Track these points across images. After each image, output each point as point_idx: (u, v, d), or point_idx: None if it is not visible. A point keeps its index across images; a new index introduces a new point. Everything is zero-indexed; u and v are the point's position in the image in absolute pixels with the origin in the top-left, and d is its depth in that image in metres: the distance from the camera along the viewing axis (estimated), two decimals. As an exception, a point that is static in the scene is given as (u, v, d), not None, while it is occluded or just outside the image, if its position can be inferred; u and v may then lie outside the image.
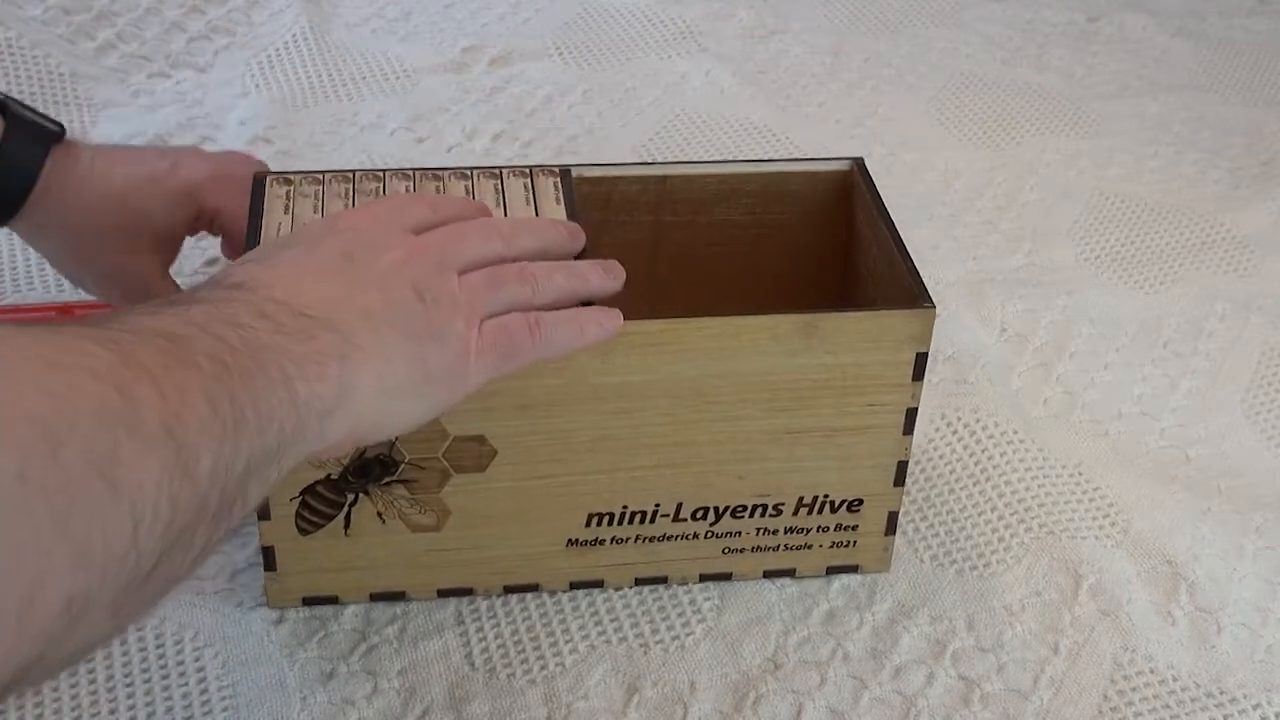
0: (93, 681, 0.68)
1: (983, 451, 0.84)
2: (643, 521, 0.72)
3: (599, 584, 0.74)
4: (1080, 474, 0.83)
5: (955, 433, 0.85)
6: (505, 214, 0.70)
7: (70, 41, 1.16)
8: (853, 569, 0.76)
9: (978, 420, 0.86)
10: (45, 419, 0.40)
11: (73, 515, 0.39)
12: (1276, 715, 0.70)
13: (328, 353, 0.52)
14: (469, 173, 0.74)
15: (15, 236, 0.96)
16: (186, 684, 0.69)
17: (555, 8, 1.29)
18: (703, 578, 0.75)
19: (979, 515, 0.80)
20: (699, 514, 0.72)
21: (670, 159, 1.09)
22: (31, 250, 0.95)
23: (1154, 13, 1.34)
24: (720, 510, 0.72)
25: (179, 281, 0.93)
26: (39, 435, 0.39)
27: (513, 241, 0.62)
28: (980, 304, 0.96)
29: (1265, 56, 1.29)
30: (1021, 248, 1.02)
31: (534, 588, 0.74)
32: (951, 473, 0.83)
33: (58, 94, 1.11)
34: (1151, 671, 0.72)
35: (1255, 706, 0.70)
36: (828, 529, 0.74)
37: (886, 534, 0.75)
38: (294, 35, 1.22)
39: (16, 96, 1.09)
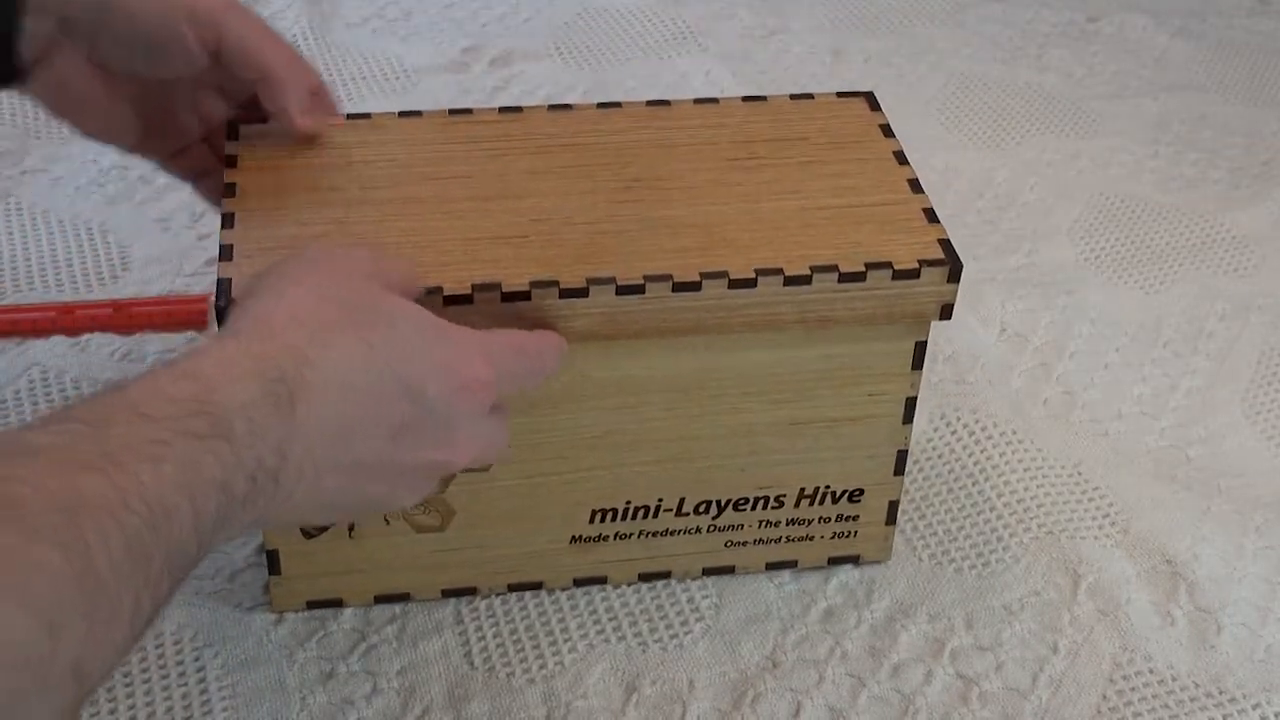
0: (92, 680, 0.68)
1: (982, 451, 0.84)
2: (646, 516, 0.72)
3: (602, 580, 0.74)
4: (1080, 474, 0.83)
5: (954, 432, 0.86)
6: None
7: (71, 41, 1.16)
8: (854, 559, 0.76)
9: (977, 420, 0.86)
10: None
11: None
12: (1276, 715, 0.70)
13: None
14: None
15: (15, 236, 0.97)
16: (186, 684, 0.69)
17: (555, 8, 1.29)
18: (706, 571, 0.75)
19: (978, 514, 0.80)
20: (701, 508, 0.72)
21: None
22: (31, 250, 0.96)
23: (1154, 13, 1.34)
24: (723, 503, 0.72)
25: (177, 282, 0.93)
26: None
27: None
28: (980, 304, 0.96)
29: (1265, 56, 1.29)
30: (1021, 248, 1.02)
31: (537, 585, 0.74)
32: (950, 472, 0.83)
33: (58, 94, 1.11)
34: (1150, 671, 0.72)
35: (1255, 706, 0.70)
36: (829, 520, 0.74)
37: (887, 524, 0.75)
38: (294, 35, 1.22)
39: (17, 96, 1.10)
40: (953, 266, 0.66)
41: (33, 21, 0.67)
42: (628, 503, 0.72)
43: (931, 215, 0.69)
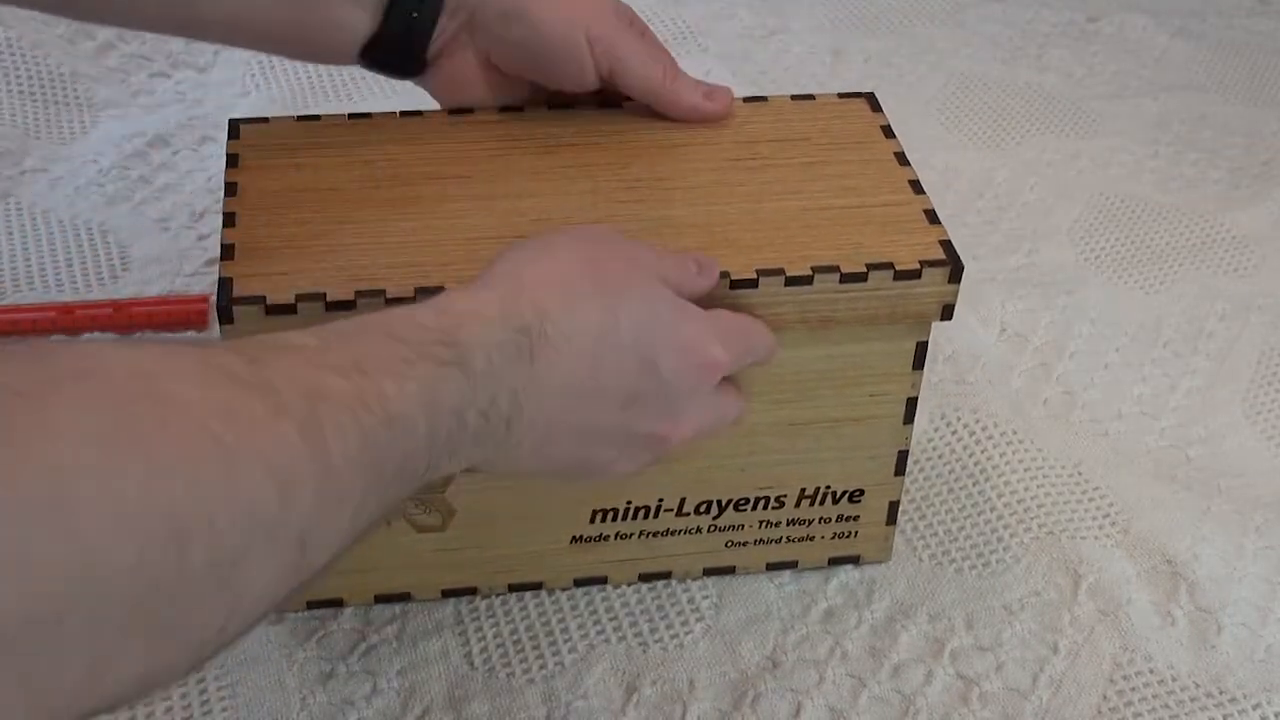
0: (92, 681, 0.68)
1: (982, 451, 0.84)
2: (646, 516, 0.72)
3: (602, 580, 0.74)
4: (1080, 474, 0.83)
5: (955, 432, 0.86)
6: None
7: (70, 41, 1.16)
8: (854, 559, 0.76)
9: (977, 420, 0.86)
10: (182, 513, 0.40)
11: (171, 609, 0.40)
12: (1276, 715, 0.70)
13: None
14: None
15: (15, 236, 0.97)
16: (186, 684, 0.69)
17: (555, 8, 1.29)
18: (706, 571, 0.75)
19: (978, 514, 0.80)
20: (702, 508, 0.72)
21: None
22: (31, 250, 0.96)
23: (1154, 13, 1.34)
24: (723, 504, 0.72)
25: (177, 282, 0.93)
26: (169, 531, 0.40)
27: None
28: (980, 304, 0.96)
29: (1265, 56, 1.29)
30: (1021, 248, 1.02)
31: (537, 585, 0.74)
32: (951, 472, 0.83)
33: (58, 94, 1.11)
34: (1151, 671, 0.72)
35: (1255, 706, 0.70)
36: (829, 520, 0.74)
37: (888, 524, 0.75)
38: (294, 35, 1.22)
39: (16, 96, 1.10)
40: (953, 267, 0.66)
41: (446, 19, 0.73)
42: (628, 503, 0.72)
43: (932, 216, 0.69)
